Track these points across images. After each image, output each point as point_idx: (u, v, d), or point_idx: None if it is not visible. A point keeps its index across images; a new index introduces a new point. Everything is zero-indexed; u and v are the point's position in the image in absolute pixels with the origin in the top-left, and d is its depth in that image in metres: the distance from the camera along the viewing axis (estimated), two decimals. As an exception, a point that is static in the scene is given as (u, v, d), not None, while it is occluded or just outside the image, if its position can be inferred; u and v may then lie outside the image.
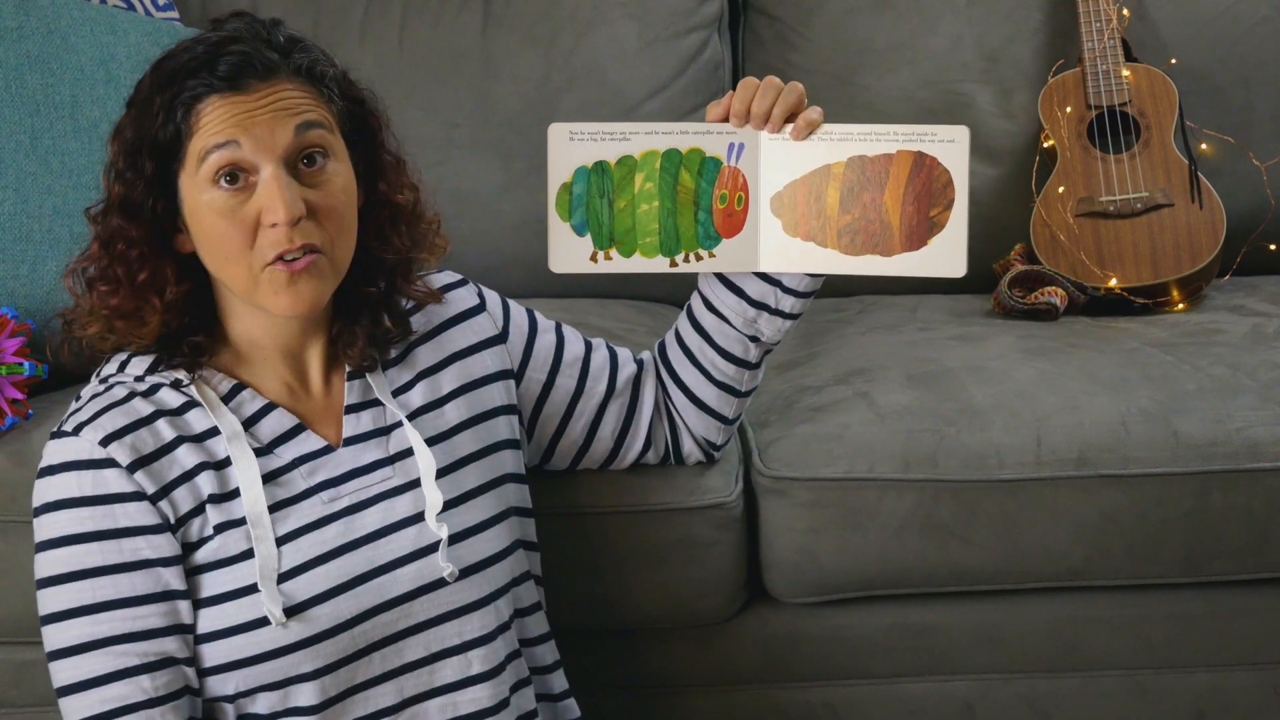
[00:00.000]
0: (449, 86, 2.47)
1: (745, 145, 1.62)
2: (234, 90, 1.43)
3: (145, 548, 1.46)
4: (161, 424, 1.49)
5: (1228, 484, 1.86)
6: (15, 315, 1.95)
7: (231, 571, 1.48)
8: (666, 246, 1.64)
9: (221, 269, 1.47)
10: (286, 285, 1.45)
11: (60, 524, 1.46)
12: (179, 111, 1.44)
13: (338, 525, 1.51)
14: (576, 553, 1.81)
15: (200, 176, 1.44)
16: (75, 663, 1.45)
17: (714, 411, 1.75)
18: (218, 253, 1.46)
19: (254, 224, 1.44)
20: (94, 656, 1.44)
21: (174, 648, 1.46)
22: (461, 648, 1.53)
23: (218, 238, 1.45)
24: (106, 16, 2.15)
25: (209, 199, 1.44)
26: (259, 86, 1.44)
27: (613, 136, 1.63)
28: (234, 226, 1.44)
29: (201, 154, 1.44)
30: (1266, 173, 2.44)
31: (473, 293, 1.68)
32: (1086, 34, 2.39)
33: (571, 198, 1.63)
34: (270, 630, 1.46)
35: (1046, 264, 2.31)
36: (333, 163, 1.48)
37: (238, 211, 1.44)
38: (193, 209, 1.46)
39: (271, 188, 1.43)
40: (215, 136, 1.43)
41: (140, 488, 1.46)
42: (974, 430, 1.88)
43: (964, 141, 1.60)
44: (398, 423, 1.56)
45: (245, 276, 1.46)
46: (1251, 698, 1.96)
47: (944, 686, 1.95)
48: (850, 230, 1.62)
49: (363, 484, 1.53)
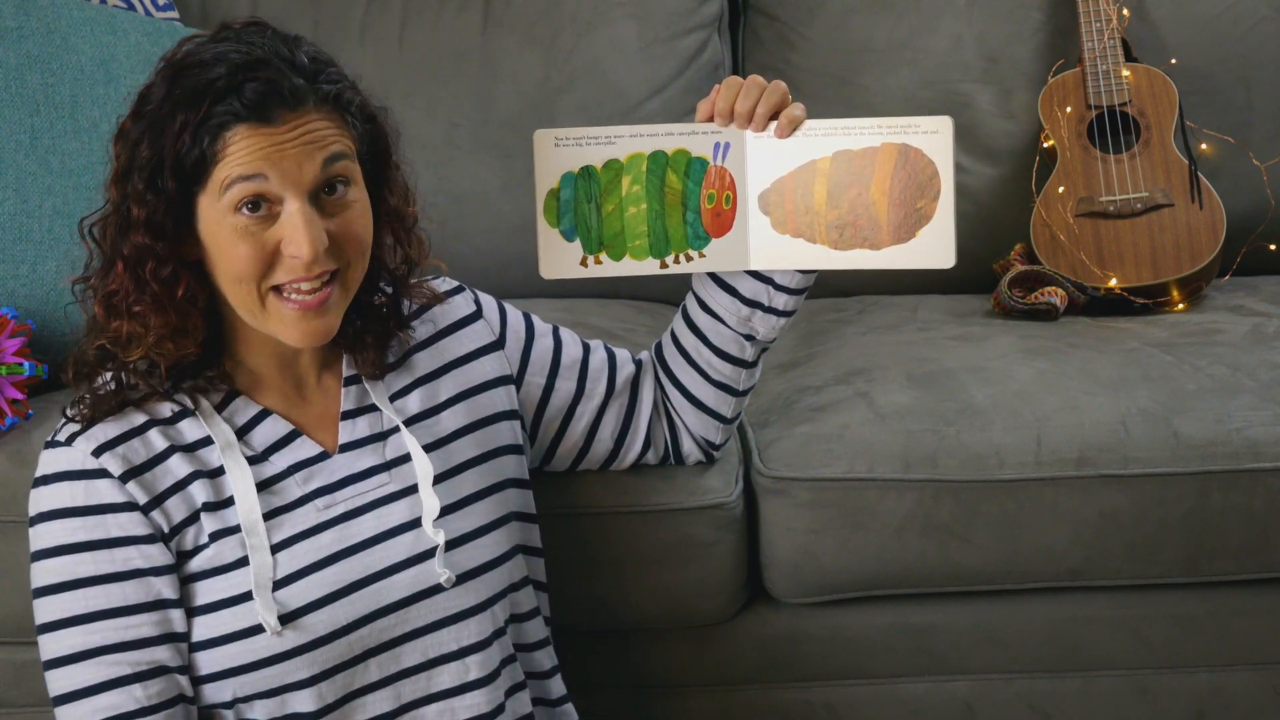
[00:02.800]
0: (449, 86, 2.47)
1: (731, 144, 1.62)
2: (262, 121, 1.41)
3: (137, 557, 1.46)
4: (154, 434, 1.49)
5: (1228, 484, 1.86)
6: (15, 315, 1.95)
7: (227, 579, 1.48)
8: (656, 248, 1.64)
9: (232, 288, 1.46)
10: (297, 320, 1.45)
11: (54, 534, 1.46)
12: (205, 138, 1.41)
13: (333, 532, 1.50)
14: (576, 554, 1.81)
15: (223, 202, 1.43)
16: (69, 672, 1.45)
17: (712, 411, 1.75)
18: (231, 272, 1.45)
19: (274, 250, 1.44)
20: (86, 666, 1.44)
21: (166, 656, 1.46)
22: (459, 653, 1.53)
23: (235, 259, 1.44)
24: (106, 16, 2.15)
25: (231, 222, 1.43)
26: (288, 117, 1.42)
27: (598, 141, 1.63)
28: (253, 251, 1.43)
29: (226, 182, 1.42)
30: (1266, 173, 2.44)
31: (469, 299, 1.68)
32: (1086, 34, 2.39)
33: (559, 204, 1.63)
34: (266, 638, 1.46)
35: (1046, 264, 2.31)
36: (353, 189, 1.48)
37: (258, 237, 1.43)
38: (211, 229, 1.45)
39: (297, 222, 1.42)
40: (242, 168, 1.41)
41: (132, 498, 1.46)
42: (974, 430, 1.88)
43: (947, 132, 1.59)
44: (394, 428, 1.56)
45: (253, 299, 1.46)
46: (1251, 698, 1.96)
47: (944, 686, 1.95)
48: (838, 225, 1.62)
49: (358, 490, 1.53)
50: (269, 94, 1.41)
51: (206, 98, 1.41)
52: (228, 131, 1.41)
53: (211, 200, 1.43)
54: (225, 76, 1.41)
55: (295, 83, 1.42)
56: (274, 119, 1.41)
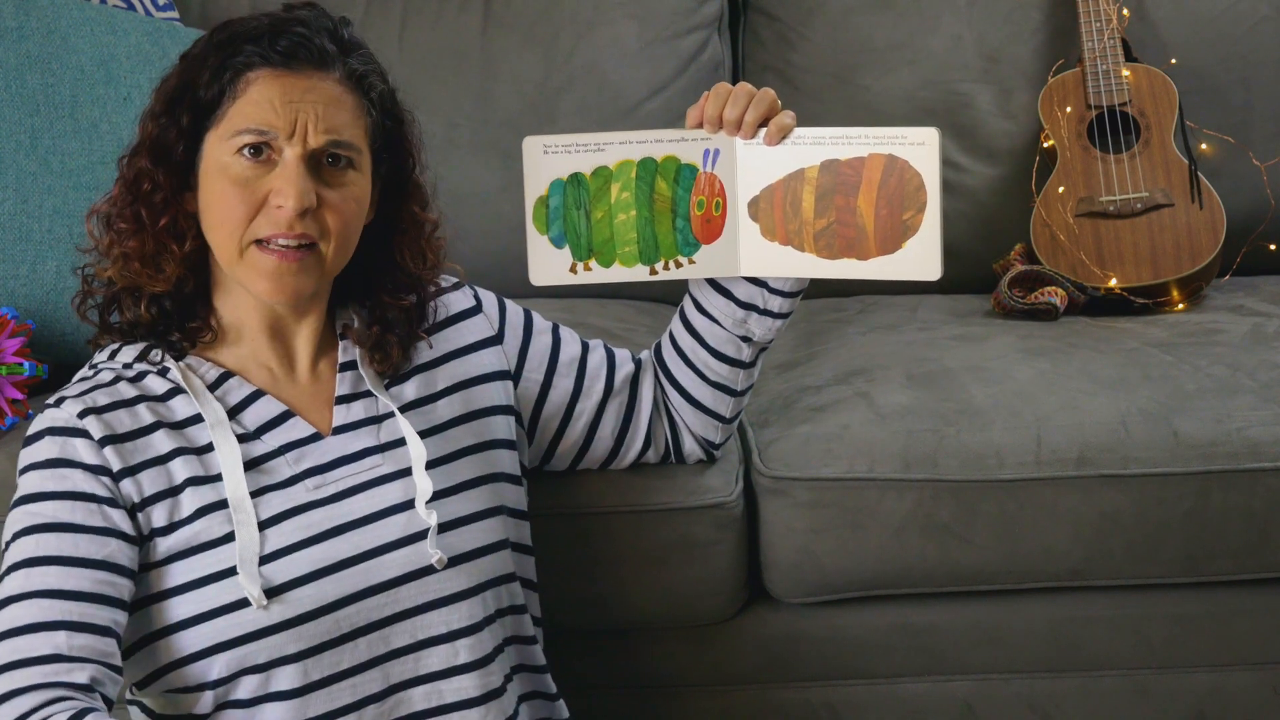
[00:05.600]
0: (449, 86, 2.47)
1: (720, 151, 1.62)
2: (285, 68, 1.48)
3: (98, 515, 1.46)
4: (142, 408, 1.51)
5: (1228, 484, 1.86)
6: (15, 315, 1.95)
7: (214, 555, 1.48)
8: (646, 255, 1.64)
9: (215, 233, 1.50)
10: (272, 271, 1.48)
11: (28, 484, 1.48)
12: (227, 73, 1.48)
13: (323, 510, 1.51)
14: (576, 553, 1.81)
15: (229, 141, 1.47)
16: (7, 613, 1.43)
17: (711, 411, 1.75)
18: (216, 216, 1.49)
19: (261, 200, 1.47)
20: (23, 606, 1.43)
21: (102, 616, 1.44)
22: (448, 636, 1.53)
23: (224, 202, 1.48)
24: (106, 16, 2.15)
25: (229, 162, 1.48)
26: (310, 72, 1.48)
27: (587, 148, 1.63)
28: (242, 196, 1.47)
29: (236, 121, 1.47)
30: (1266, 173, 2.44)
31: (468, 294, 1.69)
32: (1086, 34, 2.39)
33: (548, 211, 1.64)
34: (252, 611, 1.46)
35: (1046, 264, 2.31)
36: (354, 172, 1.52)
37: (251, 184, 1.47)
38: (210, 168, 1.49)
39: (290, 173, 1.47)
40: (254, 109, 1.47)
41: (106, 462, 1.47)
42: (974, 430, 1.88)
43: (934, 144, 1.59)
44: (389, 414, 1.57)
45: (233, 247, 1.49)
46: (1251, 698, 1.96)
47: (944, 686, 1.95)
48: (826, 234, 1.61)
49: (350, 471, 1.54)
50: (299, 46, 1.48)
51: (241, 39, 1.48)
52: (251, 72, 1.48)
53: (219, 138, 1.48)
54: (265, 27, 1.49)
55: (327, 46, 1.49)
56: (296, 69, 1.48)
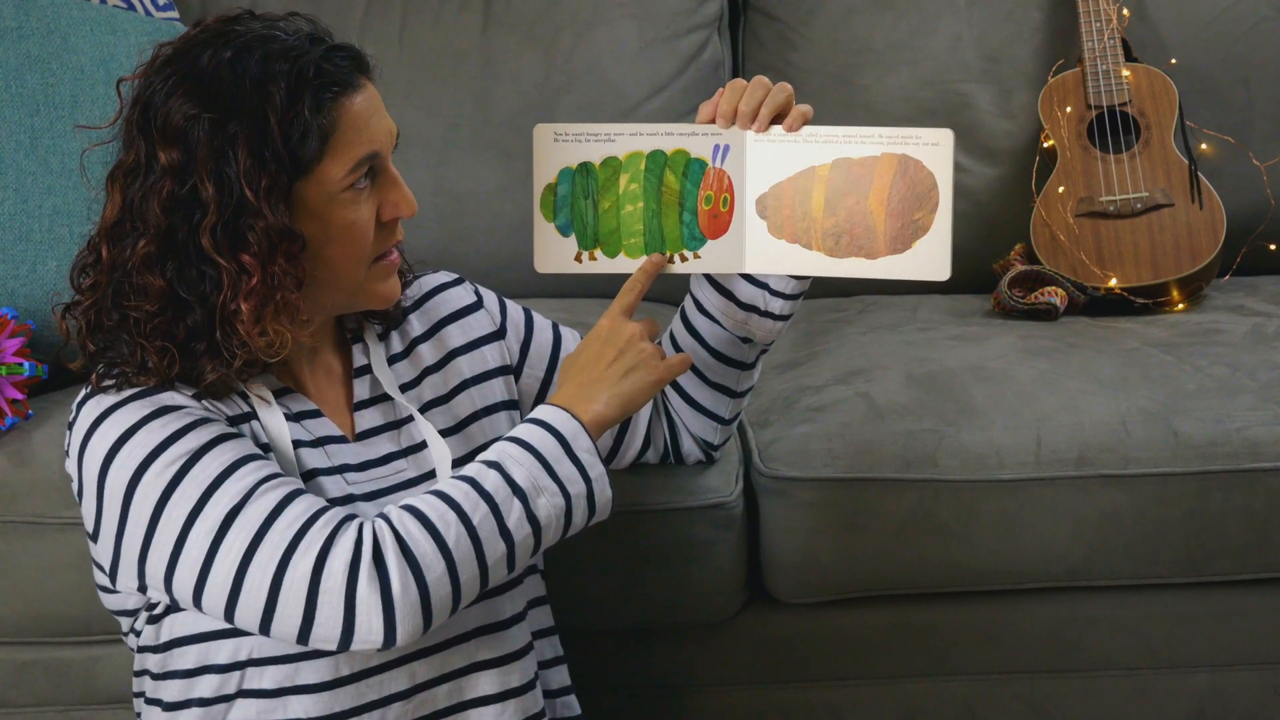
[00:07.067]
0: (449, 86, 2.47)
1: (731, 147, 1.62)
2: (356, 89, 1.45)
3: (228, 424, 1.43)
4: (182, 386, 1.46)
5: (1228, 484, 1.86)
6: (15, 315, 1.95)
7: None
8: (651, 247, 1.64)
9: (337, 267, 1.46)
10: (392, 279, 1.51)
11: (145, 441, 1.39)
12: (314, 119, 1.41)
13: (360, 506, 1.50)
14: (577, 553, 1.81)
15: (344, 179, 1.43)
16: (270, 489, 1.37)
17: (709, 412, 1.75)
18: (341, 251, 1.46)
19: (377, 218, 1.47)
20: (273, 482, 1.38)
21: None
22: (475, 633, 1.53)
23: (350, 236, 1.45)
24: (106, 16, 2.15)
25: (344, 197, 1.44)
26: (367, 84, 1.47)
27: (597, 138, 1.63)
28: (367, 224, 1.46)
29: (345, 155, 1.43)
30: (1266, 173, 2.44)
31: (469, 291, 1.69)
32: (1086, 34, 2.39)
33: (556, 198, 1.63)
34: None
35: (1046, 264, 2.31)
36: None
37: (368, 208, 1.47)
38: (314, 210, 1.44)
39: (400, 184, 1.48)
40: (356, 135, 1.43)
41: (208, 409, 1.43)
42: (974, 430, 1.88)
43: (948, 145, 1.59)
44: (408, 417, 1.57)
45: (360, 272, 1.48)
46: (1251, 698, 1.96)
47: (944, 686, 1.95)
48: (835, 233, 1.61)
49: (378, 474, 1.54)
50: (357, 59, 1.47)
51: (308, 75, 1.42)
52: (337, 110, 1.43)
53: (319, 183, 1.43)
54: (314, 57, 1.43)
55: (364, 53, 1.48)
56: (362, 86, 1.46)
